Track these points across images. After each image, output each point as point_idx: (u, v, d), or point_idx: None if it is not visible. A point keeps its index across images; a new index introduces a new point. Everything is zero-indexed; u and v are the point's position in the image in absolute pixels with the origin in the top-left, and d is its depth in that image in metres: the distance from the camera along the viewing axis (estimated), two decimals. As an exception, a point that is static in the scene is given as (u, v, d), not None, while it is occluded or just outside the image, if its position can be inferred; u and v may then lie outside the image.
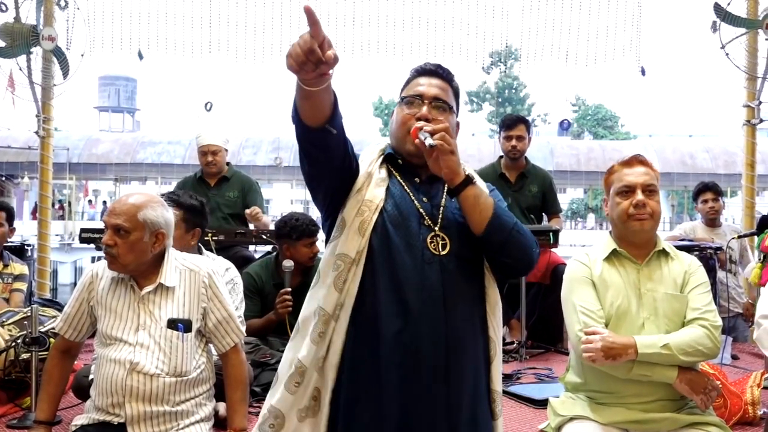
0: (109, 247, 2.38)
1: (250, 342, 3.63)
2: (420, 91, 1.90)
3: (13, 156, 21.39)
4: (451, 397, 1.79)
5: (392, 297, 1.78)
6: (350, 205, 1.83)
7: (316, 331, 1.80)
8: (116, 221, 2.38)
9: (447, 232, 1.85)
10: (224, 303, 2.52)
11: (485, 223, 1.80)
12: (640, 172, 2.37)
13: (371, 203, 1.82)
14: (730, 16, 6.00)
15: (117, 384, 2.32)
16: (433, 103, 1.89)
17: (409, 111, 1.88)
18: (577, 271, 2.41)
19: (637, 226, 2.33)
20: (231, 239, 4.71)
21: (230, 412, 2.52)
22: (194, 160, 6.17)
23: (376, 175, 1.88)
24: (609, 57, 6.98)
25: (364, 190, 1.84)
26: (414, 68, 1.97)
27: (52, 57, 6.20)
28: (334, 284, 1.79)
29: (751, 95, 6.18)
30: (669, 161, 23.56)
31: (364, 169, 1.88)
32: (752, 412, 3.03)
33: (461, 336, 1.82)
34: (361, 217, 1.80)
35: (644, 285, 2.32)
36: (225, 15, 7.00)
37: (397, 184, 1.90)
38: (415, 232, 1.83)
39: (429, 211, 1.87)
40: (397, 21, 7.19)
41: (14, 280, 4.13)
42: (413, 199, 1.88)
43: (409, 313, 1.77)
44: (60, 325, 2.54)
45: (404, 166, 1.93)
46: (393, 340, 1.76)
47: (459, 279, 1.83)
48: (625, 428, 2.26)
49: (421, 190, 1.91)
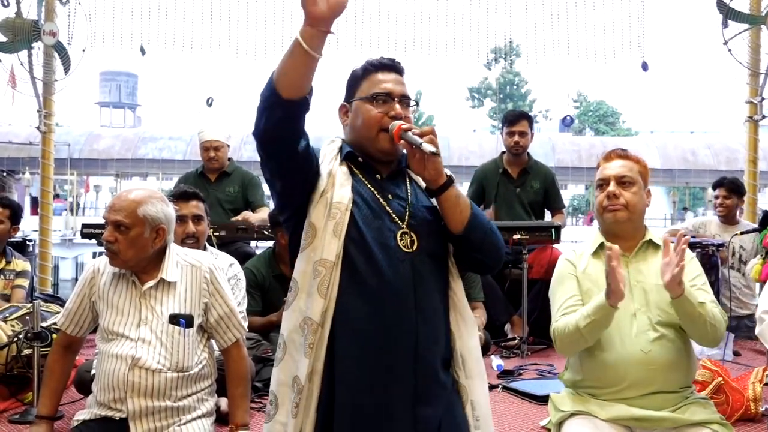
0: (109, 244, 2.38)
1: (252, 337, 3.63)
2: (388, 89, 1.89)
3: (15, 151, 21.40)
4: (419, 388, 1.80)
5: (370, 297, 1.78)
6: (318, 210, 1.80)
7: (307, 343, 1.77)
8: (116, 217, 2.38)
9: (414, 230, 1.86)
10: (226, 298, 2.52)
11: (465, 222, 1.83)
12: (616, 165, 2.40)
13: (340, 204, 1.79)
14: (732, 12, 5.99)
15: (119, 379, 2.32)
16: (403, 101, 1.89)
17: (379, 109, 1.87)
18: (560, 269, 2.46)
19: (610, 218, 2.36)
20: (232, 235, 4.71)
21: (232, 408, 2.52)
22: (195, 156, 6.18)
23: (339, 174, 1.85)
24: (611, 53, 6.98)
25: (330, 192, 1.81)
26: (369, 62, 1.96)
27: (53, 52, 6.20)
28: (318, 291, 1.76)
29: (754, 91, 6.18)
30: (670, 158, 23.54)
31: (324, 168, 1.85)
32: (754, 408, 3.02)
33: (431, 331, 1.84)
34: (334, 220, 1.78)
35: (634, 277, 2.33)
36: (226, 10, 7.00)
37: (360, 182, 1.88)
38: (385, 229, 1.83)
39: (396, 209, 1.87)
40: (399, 17, 7.18)
41: (16, 276, 4.14)
42: (379, 197, 1.87)
43: (386, 310, 1.78)
44: (61, 320, 2.54)
45: (364, 164, 1.92)
46: (372, 338, 1.77)
47: (428, 275, 1.85)
48: (627, 425, 2.26)
49: (385, 187, 1.90)
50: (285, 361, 1.84)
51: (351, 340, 1.78)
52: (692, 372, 2.37)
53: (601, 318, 2.18)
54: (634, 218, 2.37)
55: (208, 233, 3.50)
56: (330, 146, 1.93)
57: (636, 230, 2.40)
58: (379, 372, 1.78)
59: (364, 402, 1.78)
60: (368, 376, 1.78)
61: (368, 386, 1.78)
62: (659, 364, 2.23)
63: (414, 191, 1.94)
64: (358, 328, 1.78)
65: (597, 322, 2.20)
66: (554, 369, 4.02)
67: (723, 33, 6.02)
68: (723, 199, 5.24)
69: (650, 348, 2.24)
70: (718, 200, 5.27)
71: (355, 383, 1.78)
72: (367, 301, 1.78)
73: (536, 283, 4.74)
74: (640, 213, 2.38)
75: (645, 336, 2.25)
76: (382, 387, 1.79)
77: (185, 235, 3.26)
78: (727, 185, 5.25)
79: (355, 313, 1.78)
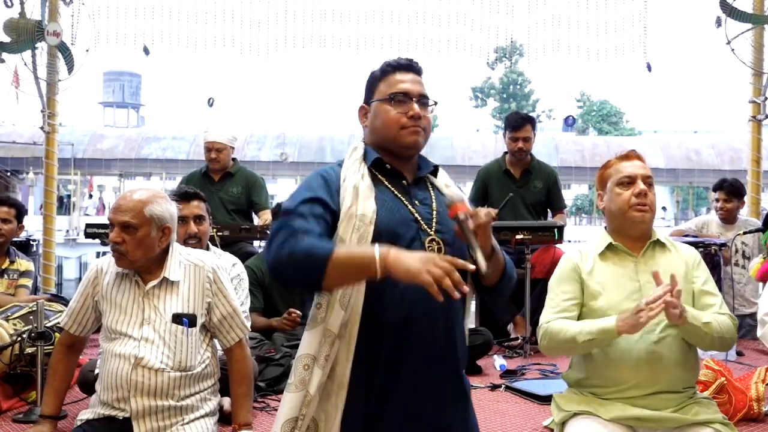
0: (117, 245, 2.38)
1: (255, 337, 3.64)
2: (405, 89, 1.90)
3: (18, 151, 21.46)
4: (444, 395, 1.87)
5: (397, 307, 1.78)
6: (344, 225, 1.79)
7: (322, 355, 1.77)
8: (123, 218, 2.38)
9: (442, 237, 1.86)
10: (229, 298, 2.52)
11: (498, 276, 1.91)
12: (639, 165, 2.39)
13: (365, 216, 1.78)
14: (736, 11, 5.98)
15: (122, 378, 2.32)
16: (421, 100, 1.91)
17: (398, 110, 1.89)
18: (562, 268, 2.43)
19: (638, 217, 2.33)
20: (236, 235, 4.71)
21: (235, 407, 2.53)
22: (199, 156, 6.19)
23: (362, 187, 1.83)
24: (614, 53, 6.97)
25: (355, 205, 1.80)
26: (386, 63, 1.97)
27: (57, 52, 6.22)
28: (339, 302, 1.76)
29: (757, 91, 6.17)
30: (674, 157, 23.51)
31: (349, 183, 1.84)
32: (757, 408, 3.02)
33: (457, 336, 1.89)
34: (359, 233, 1.77)
35: (642, 277, 2.32)
36: (230, 10, 7.02)
37: (385, 190, 1.88)
38: (411, 238, 1.83)
39: (424, 215, 1.87)
40: (402, 17, 7.19)
41: (20, 276, 4.15)
42: (406, 203, 1.88)
43: (413, 320, 1.79)
44: (65, 320, 2.55)
45: (391, 170, 1.92)
46: (398, 347, 1.79)
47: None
48: (630, 425, 2.25)
49: (411, 192, 1.91)
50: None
51: (375, 350, 1.79)
52: (696, 372, 2.37)
53: (603, 340, 2.19)
54: (653, 219, 2.38)
55: (211, 233, 3.51)
56: (352, 157, 1.93)
57: (648, 231, 2.40)
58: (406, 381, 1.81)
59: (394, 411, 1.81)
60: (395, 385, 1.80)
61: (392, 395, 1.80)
62: (664, 364, 2.23)
63: (436, 197, 1.95)
64: (383, 338, 1.79)
65: (597, 342, 2.21)
66: (557, 369, 4.02)
67: (725, 33, 6.01)
68: (723, 203, 5.19)
69: (655, 348, 2.23)
70: (718, 203, 5.22)
71: (380, 393, 1.80)
72: (393, 310, 1.78)
73: (539, 282, 4.72)
74: (655, 214, 2.39)
75: (650, 336, 2.24)
76: (403, 396, 1.80)
77: (187, 235, 3.26)
78: (726, 188, 5.19)
79: (378, 323, 1.78)
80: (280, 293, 4.03)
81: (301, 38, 6.95)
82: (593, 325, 2.21)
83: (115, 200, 2.50)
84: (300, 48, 6.96)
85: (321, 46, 6.97)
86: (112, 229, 2.41)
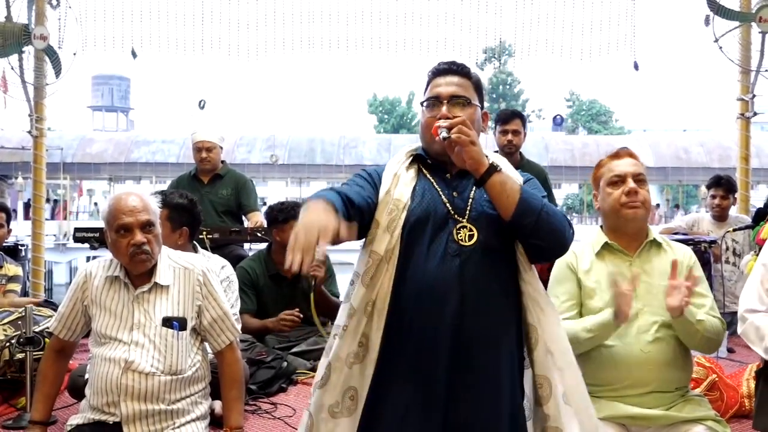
0: (143, 246, 2.38)
1: (246, 340, 3.63)
2: (437, 92, 1.96)
3: (7, 156, 21.30)
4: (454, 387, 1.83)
5: (416, 292, 1.83)
6: (381, 207, 1.89)
7: (341, 326, 1.88)
8: (145, 217, 2.41)
9: (475, 224, 1.88)
10: (219, 301, 2.51)
11: (513, 208, 1.81)
12: (629, 162, 2.40)
13: (399, 201, 1.88)
14: (723, 9, 6.00)
15: (112, 383, 2.31)
16: (452, 101, 1.94)
17: (430, 114, 1.95)
18: (558, 268, 2.44)
19: (630, 214, 2.34)
20: (226, 237, 4.69)
21: (226, 411, 2.51)
22: (188, 159, 6.15)
23: (404, 175, 1.94)
24: (603, 52, 6.97)
25: (393, 190, 1.90)
26: (430, 69, 2.03)
27: (44, 56, 6.18)
28: (362, 280, 1.84)
29: (745, 88, 6.19)
30: (663, 156, 23.61)
31: (390, 171, 1.95)
32: (748, 405, 3.02)
33: (482, 329, 1.85)
34: (390, 216, 1.86)
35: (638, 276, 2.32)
36: (218, 12, 6.97)
37: (426, 182, 1.95)
38: (441, 226, 1.87)
39: (457, 205, 1.90)
40: (390, 17, 7.17)
41: (8, 281, 4.12)
42: (441, 194, 1.92)
43: (423, 306, 1.82)
44: (54, 324, 2.53)
45: (434, 165, 1.98)
46: (415, 333, 1.83)
47: (486, 270, 1.86)
48: (622, 423, 2.26)
49: (451, 185, 1.95)
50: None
51: (387, 333, 1.83)
52: (689, 373, 2.38)
53: (604, 334, 2.21)
54: (646, 217, 2.39)
55: (201, 236, 3.49)
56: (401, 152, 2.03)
57: (642, 229, 2.41)
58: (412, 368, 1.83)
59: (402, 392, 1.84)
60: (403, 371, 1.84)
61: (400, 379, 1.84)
62: (658, 364, 2.24)
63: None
64: (397, 323, 1.83)
65: (598, 338, 2.23)
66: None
67: (713, 30, 6.04)
68: (721, 200, 5.17)
69: (650, 348, 2.24)
70: (715, 200, 5.19)
71: (387, 376, 1.84)
72: (409, 296, 1.83)
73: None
74: (649, 212, 2.40)
75: (645, 336, 2.25)
76: (412, 384, 1.83)
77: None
78: (724, 185, 5.17)
79: (399, 306, 1.83)
80: (274, 295, 4.02)
81: (290, 40, 6.93)
82: (591, 322, 2.23)
83: (112, 206, 2.43)
84: (289, 50, 6.94)
85: (310, 48, 6.95)
86: (126, 234, 2.39)
